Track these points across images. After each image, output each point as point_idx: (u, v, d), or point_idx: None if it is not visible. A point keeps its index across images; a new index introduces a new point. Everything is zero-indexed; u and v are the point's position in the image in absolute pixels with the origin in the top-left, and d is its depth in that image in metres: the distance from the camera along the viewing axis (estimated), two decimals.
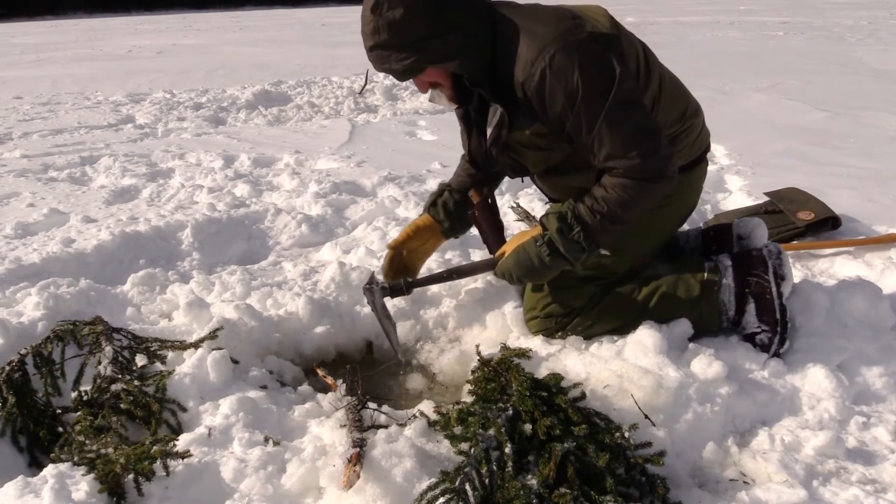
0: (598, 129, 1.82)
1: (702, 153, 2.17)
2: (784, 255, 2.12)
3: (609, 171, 1.88)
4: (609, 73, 1.80)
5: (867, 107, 6.02)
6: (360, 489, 1.50)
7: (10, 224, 3.49)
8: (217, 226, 3.38)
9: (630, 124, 1.82)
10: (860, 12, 17.41)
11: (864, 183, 3.83)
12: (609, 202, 1.87)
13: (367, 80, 8.27)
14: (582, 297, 2.14)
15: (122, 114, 7.10)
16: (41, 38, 20.87)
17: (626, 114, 1.81)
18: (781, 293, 2.05)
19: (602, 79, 1.79)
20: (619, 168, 1.85)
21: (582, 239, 1.90)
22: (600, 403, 1.75)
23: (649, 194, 1.89)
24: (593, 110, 1.80)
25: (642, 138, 1.83)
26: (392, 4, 1.78)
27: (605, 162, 1.86)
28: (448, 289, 2.57)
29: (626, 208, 1.88)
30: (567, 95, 1.79)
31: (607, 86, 1.79)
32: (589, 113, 1.80)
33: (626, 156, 1.82)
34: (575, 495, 1.42)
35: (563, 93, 1.79)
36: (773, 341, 2.01)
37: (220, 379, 1.97)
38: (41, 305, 2.32)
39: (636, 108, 1.84)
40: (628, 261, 2.15)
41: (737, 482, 1.59)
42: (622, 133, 1.81)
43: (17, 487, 1.53)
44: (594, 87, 1.78)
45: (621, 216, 1.89)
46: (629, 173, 1.84)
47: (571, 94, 1.79)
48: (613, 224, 1.89)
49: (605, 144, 1.83)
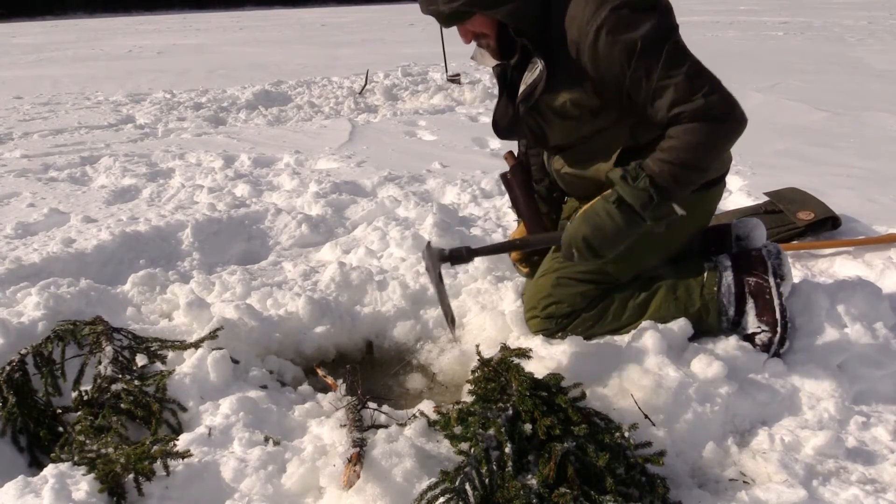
0: (658, 78, 1.80)
1: (721, 175, 2.17)
2: (783, 254, 2.12)
3: (675, 121, 1.83)
4: (665, 24, 1.81)
5: (867, 107, 6.02)
6: (360, 489, 1.50)
7: (10, 224, 3.49)
8: (217, 226, 3.38)
9: (690, 68, 1.80)
10: (860, 12, 17.41)
11: (864, 183, 3.83)
12: (676, 148, 1.80)
13: (367, 80, 8.28)
14: (583, 298, 2.14)
15: (122, 114, 7.11)
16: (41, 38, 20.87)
17: (684, 59, 1.80)
18: (781, 293, 2.05)
19: (659, 29, 1.80)
20: (686, 112, 1.80)
21: (649, 186, 1.82)
22: (600, 403, 1.75)
23: (719, 136, 1.82)
24: (652, 60, 1.79)
25: (704, 79, 1.80)
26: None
27: (671, 111, 1.82)
28: (448, 289, 2.58)
29: (695, 152, 1.80)
30: (626, 50, 1.79)
31: (664, 35, 1.80)
32: (648, 63, 1.79)
33: (692, 98, 1.79)
34: (575, 495, 1.42)
35: (621, 49, 1.79)
36: (772, 341, 2.01)
37: (221, 379, 1.97)
38: (41, 305, 2.32)
39: (690, 55, 1.83)
40: (633, 271, 2.15)
41: (737, 482, 1.59)
42: (683, 77, 1.79)
43: (18, 487, 1.53)
44: (651, 38, 1.78)
45: (690, 161, 1.81)
46: (697, 116, 1.80)
47: (630, 48, 1.79)
48: (683, 170, 1.81)
49: (668, 92, 1.80)
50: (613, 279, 2.15)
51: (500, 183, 3.98)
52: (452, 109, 7.01)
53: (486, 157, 4.99)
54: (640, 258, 2.14)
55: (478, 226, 3.42)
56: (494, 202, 3.76)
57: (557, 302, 2.14)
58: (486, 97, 7.37)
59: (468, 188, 3.95)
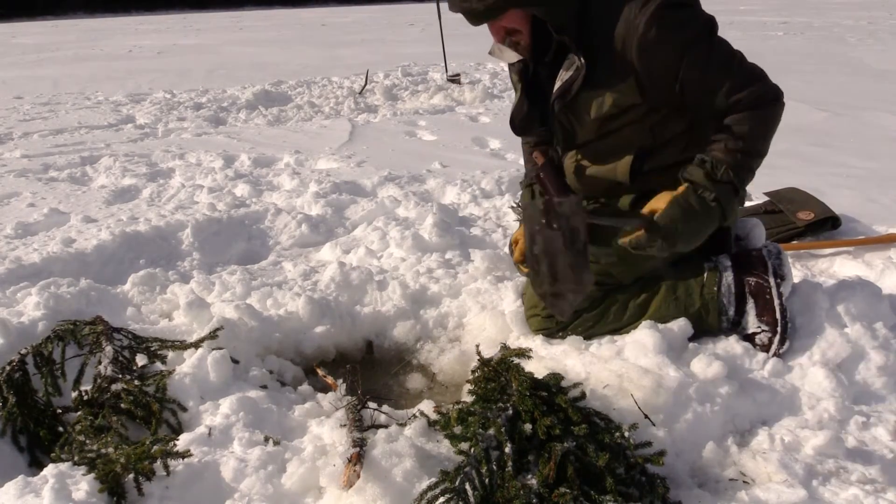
0: (714, 69, 1.86)
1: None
2: (783, 254, 2.12)
3: (732, 110, 1.88)
4: (709, 18, 1.90)
5: (867, 107, 6.02)
6: (360, 489, 1.50)
7: (10, 224, 3.49)
8: (217, 226, 3.38)
9: (738, 57, 1.89)
10: (860, 12, 17.42)
11: (863, 183, 3.83)
12: (744, 136, 1.86)
13: (367, 80, 8.28)
14: (586, 298, 2.13)
15: (122, 114, 7.11)
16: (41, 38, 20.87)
17: (731, 49, 1.89)
18: (781, 293, 2.05)
19: (706, 24, 1.89)
20: (745, 99, 1.86)
21: (733, 178, 1.85)
22: (600, 403, 1.75)
23: (775, 118, 1.92)
24: (706, 53, 1.86)
25: (753, 66, 1.90)
26: None
27: (730, 98, 1.87)
28: (448, 289, 2.58)
29: (762, 138, 1.89)
30: (679, 45, 1.84)
31: (711, 28, 1.89)
32: (703, 56, 1.86)
33: (751, 85, 1.86)
34: (575, 495, 1.42)
35: (674, 44, 1.84)
36: (772, 341, 2.01)
37: (221, 379, 1.97)
38: (41, 305, 2.32)
39: (732, 46, 1.91)
40: (638, 272, 2.15)
41: (737, 482, 1.59)
42: (736, 65, 1.88)
43: (18, 487, 1.53)
44: (701, 31, 1.87)
45: (759, 148, 1.89)
46: (755, 101, 1.87)
47: (683, 42, 1.84)
48: (752, 158, 1.89)
49: (725, 81, 1.86)
50: (617, 280, 2.15)
51: (500, 183, 3.99)
52: (452, 109, 7.02)
53: (486, 157, 4.99)
54: (647, 260, 2.14)
55: (478, 226, 3.42)
56: (494, 202, 3.76)
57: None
58: (486, 97, 7.37)
59: (468, 188, 3.95)
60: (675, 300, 2.10)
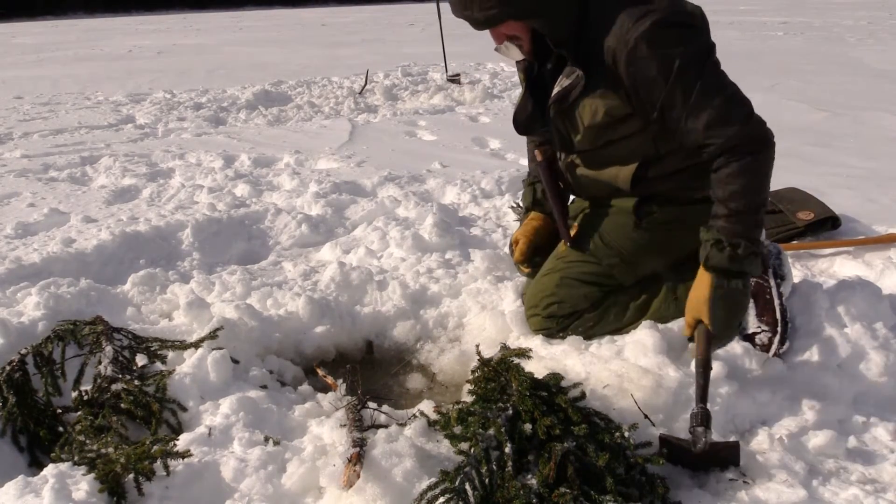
0: (696, 99, 1.78)
1: None
2: (783, 255, 2.12)
3: (707, 147, 1.82)
4: (704, 43, 1.82)
5: (867, 107, 6.02)
6: (360, 489, 1.50)
7: (10, 224, 3.49)
8: (217, 226, 3.38)
9: (727, 91, 1.80)
10: (860, 12, 17.42)
11: (863, 183, 3.83)
12: (740, 195, 1.78)
13: (367, 80, 8.28)
14: (585, 299, 2.14)
15: (122, 114, 7.11)
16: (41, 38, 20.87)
17: (722, 81, 1.80)
18: (781, 293, 2.04)
19: (699, 49, 1.80)
20: (719, 139, 1.78)
21: (752, 249, 1.80)
22: (600, 403, 1.75)
23: (765, 166, 1.81)
24: (691, 79, 1.78)
25: (741, 104, 1.79)
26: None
27: (706, 132, 1.79)
28: (448, 289, 2.58)
29: (757, 191, 1.80)
30: (665, 67, 1.78)
31: (704, 54, 1.80)
32: (686, 82, 1.78)
33: (730, 125, 1.77)
34: (575, 495, 1.42)
35: (660, 64, 1.78)
36: (772, 341, 2.00)
37: (221, 379, 1.97)
38: (41, 305, 2.32)
39: (727, 77, 1.83)
40: (638, 275, 2.16)
41: (737, 482, 1.59)
42: (722, 99, 1.78)
43: (18, 487, 1.53)
44: (691, 57, 1.78)
45: (759, 201, 1.81)
46: (732, 144, 1.78)
47: (669, 64, 1.78)
48: (757, 213, 1.81)
49: (704, 114, 1.78)
50: (617, 282, 2.15)
51: (500, 183, 3.99)
52: (452, 109, 7.02)
53: (486, 157, 4.99)
54: (648, 264, 2.14)
55: (478, 226, 3.42)
56: (494, 202, 3.76)
57: (560, 302, 2.14)
58: (486, 97, 7.37)
59: (468, 188, 3.95)
60: (676, 301, 2.10)
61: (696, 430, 1.61)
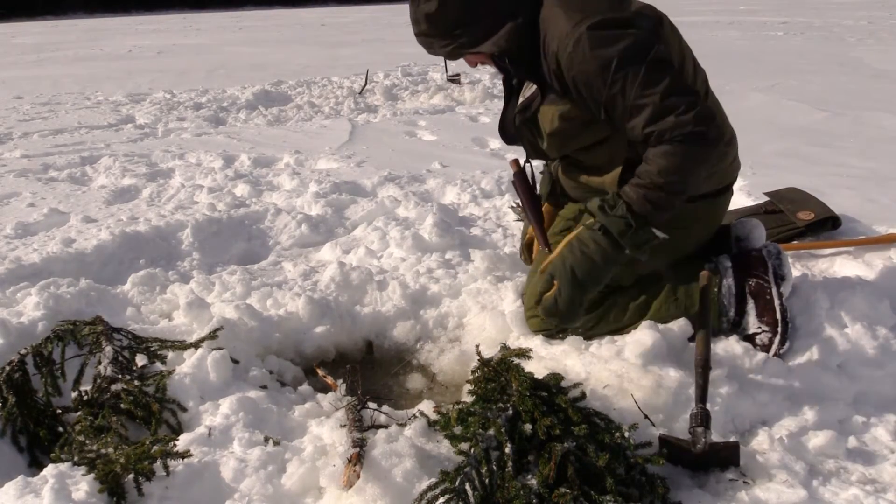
0: (634, 97, 1.77)
1: (728, 184, 2.18)
2: (783, 255, 2.12)
3: (649, 139, 1.81)
4: (642, 41, 1.79)
5: (867, 107, 6.01)
6: (360, 489, 1.50)
7: (10, 224, 3.49)
8: (217, 226, 3.38)
9: (666, 86, 1.76)
10: (860, 12, 17.41)
11: (863, 183, 3.83)
12: (649, 173, 1.78)
13: (367, 80, 8.28)
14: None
15: (122, 114, 7.10)
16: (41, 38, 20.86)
17: (661, 77, 1.77)
18: (781, 293, 2.05)
19: (635, 47, 1.78)
20: (657, 132, 1.77)
21: (626, 213, 1.80)
22: (600, 403, 1.75)
23: (692, 157, 1.78)
24: (628, 78, 1.76)
25: (680, 98, 1.76)
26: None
27: (645, 129, 1.79)
28: (448, 289, 2.58)
29: (668, 175, 1.77)
30: (601, 67, 1.78)
31: (641, 53, 1.77)
32: (624, 81, 1.77)
33: (664, 118, 1.75)
34: (575, 495, 1.42)
35: (597, 65, 1.78)
36: (773, 341, 2.01)
37: (220, 379, 1.97)
38: (41, 305, 2.32)
39: (670, 71, 1.79)
40: (634, 276, 2.16)
41: (737, 482, 1.59)
42: (659, 96, 1.75)
43: (18, 487, 1.53)
44: (628, 56, 1.76)
45: (664, 185, 1.77)
46: (668, 136, 1.76)
47: (605, 64, 1.77)
48: (658, 194, 1.78)
49: (643, 111, 1.77)
50: (616, 282, 2.14)
51: (500, 183, 4.00)
52: (452, 109, 7.01)
53: (486, 157, 4.99)
54: (644, 264, 2.13)
55: (478, 226, 3.42)
56: (494, 202, 3.76)
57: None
58: (486, 97, 7.37)
59: (468, 188, 3.95)
60: (676, 301, 2.10)
61: (696, 430, 1.61)
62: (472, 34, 1.92)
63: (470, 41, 1.94)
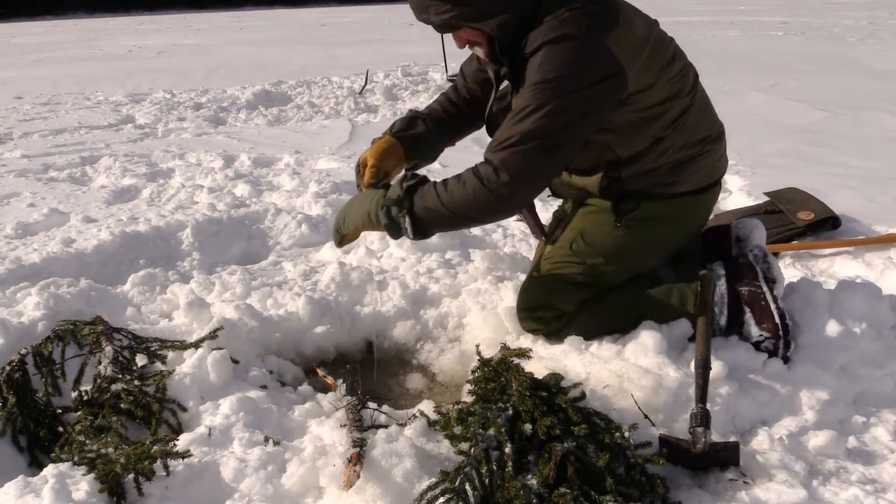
0: (519, 113, 1.76)
1: (716, 180, 2.15)
2: (770, 257, 2.10)
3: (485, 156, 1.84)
4: (584, 85, 1.74)
5: (867, 107, 6.02)
6: (360, 489, 1.50)
7: (10, 224, 3.49)
8: (217, 226, 3.38)
9: (537, 130, 1.74)
10: (860, 12, 17.42)
11: (864, 183, 3.83)
12: (445, 190, 1.84)
13: (367, 80, 8.28)
14: (573, 302, 2.12)
15: (122, 114, 7.10)
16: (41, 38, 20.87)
17: (547, 122, 1.74)
18: (776, 296, 2.03)
19: (573, 75, 1.73)
20: (482, 162, 1.81)
21: (391, 214, 1.87)
22: (600, 403, 1.75)
23: (479, 203, 1.80)
24: (535, 97, 1.74)
25: (524, 150, 1.75)
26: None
27: (491, 144, 1.81)
28: (448, 289, 2.58)
29: (449, 205, 1.83)
30: (535, 78, 1.76)
31: (570, 90, 1.74)
32: (530, 95, 1.75)
33: (495, 150, 1.78)
34: (575, 495, 1.42)
35: (537, 73, 1.76)
36: (778, 346, 1.99)
37: (221, 379, 1.97)
38: (41, 305, 2.32)
39: (560, 126, 1.76)
40: (627, 275, 2.14)
41: (737, 482, 1.59)
42: (519, 134, 1.75)
43: (18, 487, 1.53)
44: (559, 80, 1.73)
45: (440, 211, 1.83)
46: (478, 168, 1.80)
47: (538, 78, 1.75)
48: (433, 213, 1.85)
49: (506, 128, 1.79)
50: (606, 283, 2.13)
51: None
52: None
53: None
54: (634, 262, 2.13)
55: None
56: None
57: (548, 304, 2.13)
58: None
59: None
60: (669, 308, 2.08)
61: (696, 430, 1.61)
62: (478, 7, 1.81)
63: (474, 15, 1.82)
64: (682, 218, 2.11)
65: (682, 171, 2.01)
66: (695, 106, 2.01)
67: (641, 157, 1.99)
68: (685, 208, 2.08)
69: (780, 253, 2.89)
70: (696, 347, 1.83)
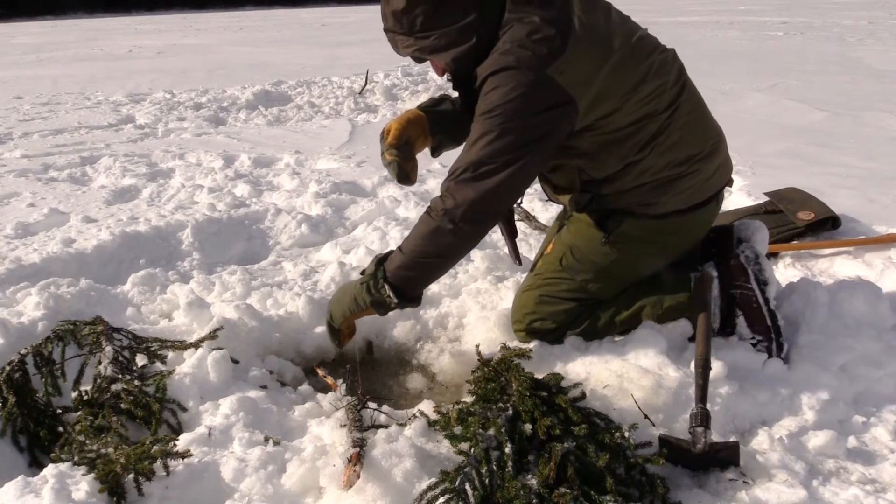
0: (467, 145, 1.80)
1: (708, 197, 2.05)
2: (762, 258, 2.08)
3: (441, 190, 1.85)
4: (533, 113, 1.74)
5: (867, 107, 6.02)
6: (360, 489, 1.50)
7: (10, 224, 3.49)
8: (217, 226, 3.38)
9: (491, 159, 1.75)
10: (860, 12, 17.42)
11: (864, 183, 3.83)
12: (403, 246, 1.88)
13: (367, 80, 8.28)
14: (566, 315, 2.11)
15: (122, 114, 7.10)
16: (41, 38, 20.87)
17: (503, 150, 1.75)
18: (767, 299, 2.02)
19: (522, 112, 1.74)
20: (436, 198, 1.84)
21: (390, 292, 1.89)
22: (600, 403, 1.75)
23: (437, 242, 1.84)
24: (485, 127, 1.76)
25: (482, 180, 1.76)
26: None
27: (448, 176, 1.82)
28: (448, 289, 2.58)
29: (414, 251, 1.85)
30: (484, 107, 1.77)
31: (518, 119, 1.74)
32: (481, 126, 1.76)
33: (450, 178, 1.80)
34: (575, 495, 1.42)
35: (483, 103, 1.77)
36: (771, 350, 1.99)
37: (220, 379, 1.97)
38: (41, 305, 2.32)
39: (516, 158, 1.75)
40: (616, 290, 2.12)
41: (737, 482, 1.59)
42: (473, 163, 1.76)
43: (18, 487, 1.53)
44: (505, 107, 1.73)
45: (412, 259, 1.86)
46: (434, 210, 1.82)
47: (485, 107, 1.76)
48: (403, 270, 1.88)
49: (457, 159, 1.81)
50: (597, 297, 2.12)
51: None
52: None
53: None
54: (624, 278, 2.11)
55: None
56: None
57: (541, 318, 2.12)
58: None
59: None
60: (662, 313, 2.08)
61: (696, 430, 1.61)
62: (435, 40, 1.84)
63: (432, 48, 1.86)
64: (670, 237, 2.06)
65: (666, 191, 1.95)
66: (675, 125, 1.92)
67: (618, 178, 1.96)
68: (673, 228, 2.03)
69: (780, 253, 2.89)
70: (696, 347, 1.83)
